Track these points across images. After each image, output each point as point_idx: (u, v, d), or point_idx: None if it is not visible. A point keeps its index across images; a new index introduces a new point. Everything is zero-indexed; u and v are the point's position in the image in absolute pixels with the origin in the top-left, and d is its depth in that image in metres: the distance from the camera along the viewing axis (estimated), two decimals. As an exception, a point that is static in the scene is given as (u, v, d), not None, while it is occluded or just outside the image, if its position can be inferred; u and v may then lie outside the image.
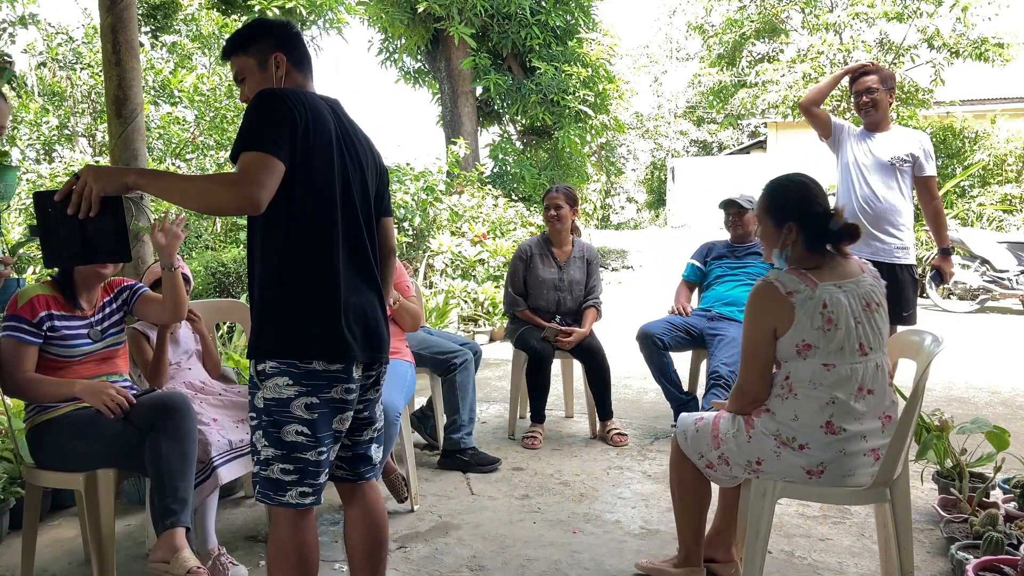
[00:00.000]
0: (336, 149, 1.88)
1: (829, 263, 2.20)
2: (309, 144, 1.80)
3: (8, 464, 3.02)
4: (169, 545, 2.23)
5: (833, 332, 2.11)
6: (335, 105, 1.99)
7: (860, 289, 2.17)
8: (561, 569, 2.66)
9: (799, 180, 2.30)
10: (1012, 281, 8.86)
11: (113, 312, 2.63)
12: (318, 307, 1.82)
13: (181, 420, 2.38)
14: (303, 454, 1.83)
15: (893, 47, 13.09)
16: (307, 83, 2.00)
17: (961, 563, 2.39)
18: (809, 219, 2.19)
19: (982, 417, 3.04)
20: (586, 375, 4.22)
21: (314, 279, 1.82)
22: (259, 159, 1.72)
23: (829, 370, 2.12)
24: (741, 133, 27.29)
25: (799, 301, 2.11)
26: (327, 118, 1.87)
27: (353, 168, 1.93)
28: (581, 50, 12.78)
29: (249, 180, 1.70)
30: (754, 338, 2.20)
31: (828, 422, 2.14)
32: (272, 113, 1.78)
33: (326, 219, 1.84)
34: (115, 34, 3.58)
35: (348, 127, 1.97)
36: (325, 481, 1.90)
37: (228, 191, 1.72)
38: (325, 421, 1.84)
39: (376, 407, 2.06)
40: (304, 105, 1.81)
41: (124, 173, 1.84)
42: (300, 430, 1.82)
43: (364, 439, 2.05)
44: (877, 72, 3.86)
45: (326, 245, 1.84)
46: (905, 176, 3.76)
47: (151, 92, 8.71)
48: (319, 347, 1.81)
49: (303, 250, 1.83)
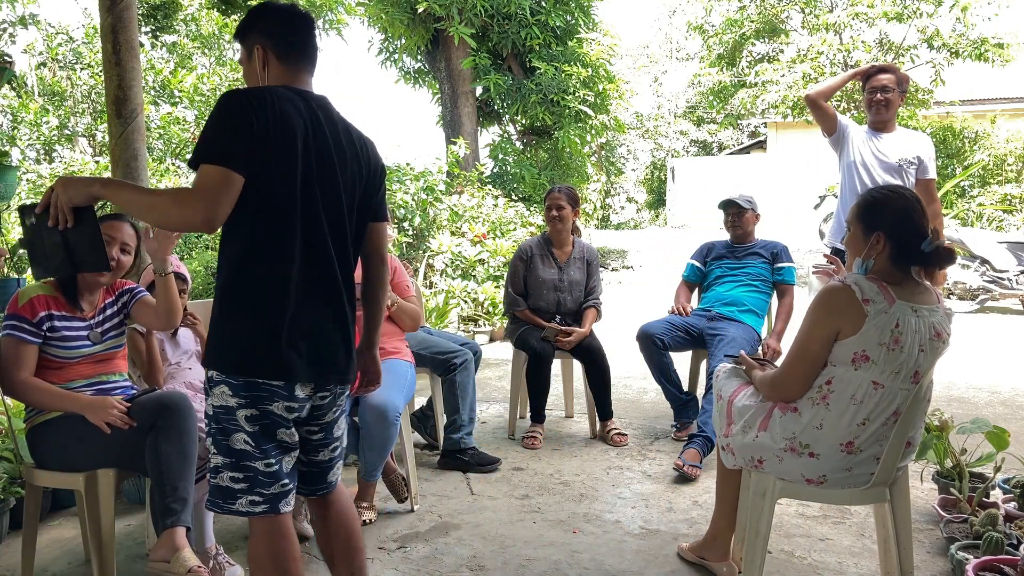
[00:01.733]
0: (302, 154, 1.77)
1: (910, 284, 2.13)
2: (267, 151, 1.72)
3: (8, 464, 3.02)
4: (169, 544, 2.23)
5: (897, 353, 2.04)
6: (319, 104, 1.87)
7: (933, 318, 2.10)
8: (561, 569, 2.66)
9: (901, 193, 2.22)
10: (1012, 281, 8.86)
11: (114, 314, 2.63)
12: (257, 322, 1.76)
13: (181, 420, 2.38)
14: (251, 463, 1.78)
15: (893, 47, 13.09)
16: (295, 77, 1.88)
17: (961, 563, 2.39)
18: (902, 234, 2.11)
19: (982, 417, 3.04)
20: (586, 375, 4.22)
21: (259, 293, 1.76)
22: (215, 174, 1.67)
23: (876, 389, 2.07)
24: (741, 133, 27.28)
25: (873, 311, 2.04)
26: (294, 121, 1.76)
27: (325, 174, 1.82)
28: (581, 50, 12.77)
29: (202, 198, 1.67)
30: (812, 337, 2.14)
31: (850, 442, 2.11)
32: (230, 119, 1.71)
33: (279, 230, 1.76)
34: (115, 34, 3.58)
35: (328, 128, 1.85)
36: (282, 492, 1.82)
37: (181, 209, 1.69)
38: (268, 433, 1.79)
39: (335, 429, 1.97)
40: (265, 108, 1.72)
41: (90, 183, 1.84)
42: (244, 440, 1.78)
43: (319, 459, 1.96)
44: (894, 72, 3.85)
45: (277, 257, 1.76)
46: (909, 178, 3.77)
47: (151, 92, 8.72)
48: (256, 363, 1.76)
49: (253, 262, 1.77)
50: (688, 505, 3.21)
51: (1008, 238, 9.41)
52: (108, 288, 2.65)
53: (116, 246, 2.56)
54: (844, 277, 2.14)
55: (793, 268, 4.16)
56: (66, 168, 6.94)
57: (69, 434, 2.41)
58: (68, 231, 1.86)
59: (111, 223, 2.57)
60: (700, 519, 3.02)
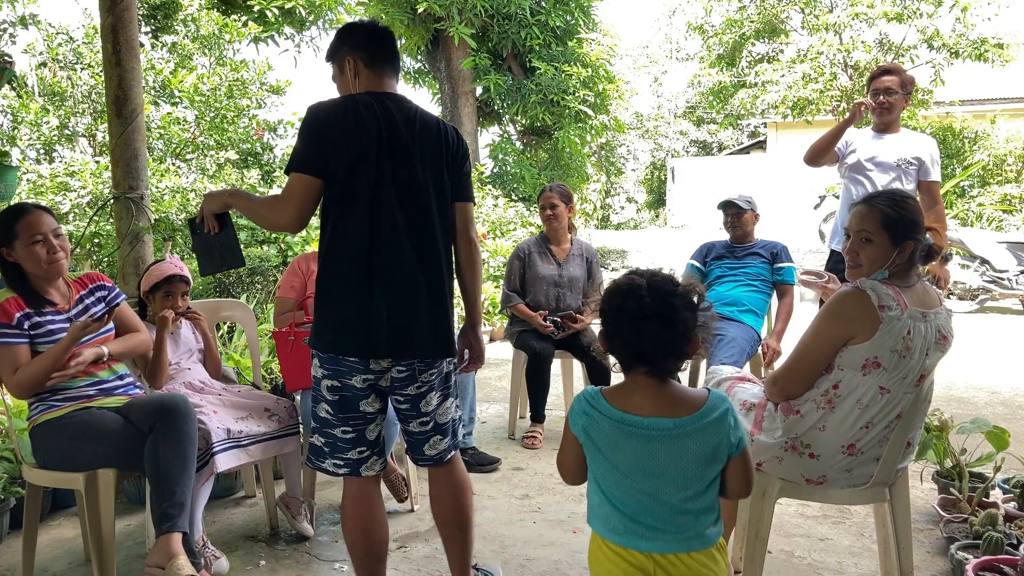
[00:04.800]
0: (376, 154, 2.01)
1: (918, 288, 2.12)
2: (341, 155, 1.98)
3: (8, 464, 3.02)
4: (165, 551, 2.23)
5: (907, 360, 2.03)
6: (398, 104, 2.09)
7: (938, 320, 2.09)
8: (561, 569, 2.66)
9: (912, 198, 2.21)
10: (1012, 281, 8.85)
11: (92, 304, 2.62)
12: (338, 305, 2.01)
13: (180, 423, 2.37)
14: (331, 430, 2.07)
15: (893, 47, 13.09)
16: (381, 82, 2.12)
17: (961, 563, 2.39)
18: (921, 240, 2.11)
19: (982, 417, 3.04)
20: (587, 373, 4.23)
21: (339, 279, 2.02)
22: (295, 181, 1.98)
23: (882, 394, 2.06)
24: (741, 133, 27.28)
25: (887, 318, 2.01)
26: (370, 124, 2.01)
27: (400, 168, 2.04)
28: (581, 50, 12.76)
29: (286, 203, 1.99)
30: (818, 340, 2.11)
31: (852, 444, 2.11)
32: (307, 131, 2.02)
33: (354, 223, 2.01)
34: (115, 34, 3.59)
35: (404, 126, 2.06)
36: (361, 458, 2.08)
37: (272, 213, 2.05)
38: (346, 404, 2.04)
39: (421, 403, 2.13)
40: (340, 116, 2.00)
41: (221, 194, 2.23)
42: (327, 409, 2.06)
43: (411, 429, 2.17)
44: (899, 74, 3.80)
45: (352, 247, 2.01)
46: (909, 179, 3.75)
47: (151, 92, 8.71)
48: (335, 341, 2.01)
49: (334, 252, 2.03)
50: (688, 505, 3.21)
51: (1008, 238, 9.41)
52: (78, 282, 2.63)
53: (47, 240, 2.45)
54: (860, 281, 2.10)
55: (793, 268, 4.16)
56: (66, 168, 6.93)
57: (69, 434, 2.41)
58: (216, 235, 2.26)
59: (26, 219, 2.44)
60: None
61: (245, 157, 8.87)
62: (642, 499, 1.51)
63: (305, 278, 3.22)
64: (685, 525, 1.51)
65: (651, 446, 1.50)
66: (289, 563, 2.74)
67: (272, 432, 2.79)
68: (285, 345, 3.01)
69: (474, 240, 2.24)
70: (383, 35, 2.16)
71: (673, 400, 1.54)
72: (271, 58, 15.54)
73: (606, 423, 1.54)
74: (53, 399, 2.46)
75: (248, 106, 9.29)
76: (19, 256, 2.45)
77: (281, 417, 2.85)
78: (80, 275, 2.68)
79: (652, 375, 1.54)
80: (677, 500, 1.51)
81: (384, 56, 2.14)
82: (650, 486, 1.51)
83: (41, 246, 2.45)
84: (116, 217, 3.72)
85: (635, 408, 1.53)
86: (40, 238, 2.44)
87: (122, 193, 3.65)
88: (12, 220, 2.45)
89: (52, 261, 2.47)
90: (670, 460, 1.50)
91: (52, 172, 6.85)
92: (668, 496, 1.51)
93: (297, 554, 2.81)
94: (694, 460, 1.50)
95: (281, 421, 2.84)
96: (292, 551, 2.83)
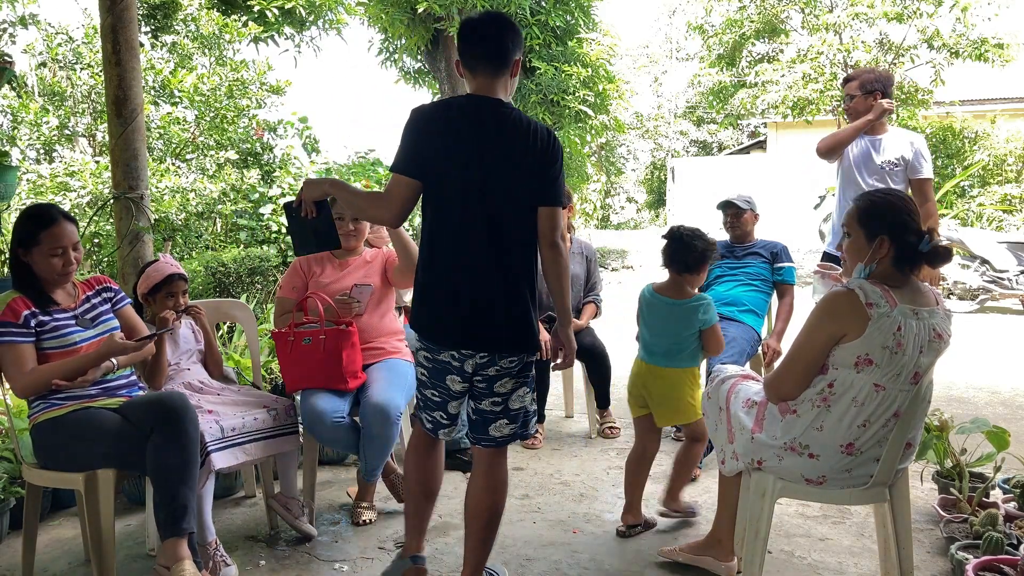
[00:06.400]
0: (464, 156, 2.13)
1: (910, 286, 2.13)
2: (433, 156, 2.14)
3: (8, 464, 3.02)
4: (171, 554, 2.25)
5: (899, 356, 2.04)
6: (492, 108, 2.18)
7: (933, 319, 2.09)
8: (561, 569, 2.66)
9: (899, 195, 2.24)
10: (1012, 281, 8.85)
11: (98, 304, 2.63)
12: (424, 296, 2.24)
13: (181, 423, 2.37)
14: (423, 390, 2.36)
15: (893, 47, 13.08)
16: (480, 84, 2.21)
17: (961, 563, 2.39)
18: (903, 235, 2.11)
19: (982, 417, 3.05)
20: (587, 373, 4.22)
21: (424, 273, 2.24)
22: (394, 181, 2.18)
23: (877, 391, 2.07)
24: (741, 133, 27.27)
25: (876, 316, 2.03)
26: (458, 124, 2.15)
27: (486, 170, 2.14)
28: (581, 50, 12.76)
29: (385, 200, 2.20)
30: (811, 340, 2.13)
31: (850, 443, 2.11)
32: (406, 133, 2.19)
33: (440, 221, 2.19)
34: (115, 34, 3.59)
35: (495, 129, 2.15)
36: (441, 422, 2.35)
37: (373, 209, 2.30)
38: (436, 373, 2.29)
39: (497, 385, 2.27)
40: (432, 120, 2.17)
41: (322, 183, 2.36)
42: (422, 372, 2.35)
43: (482, 407, 2.30)
44: (855, 78, 3.84)
45: (436, 243, 2.20)
46: (896, 179, 3.74)
47: (151, 92, 8.71)
48: (420, 327, 2.27)
49: (423, 248, 2.24)
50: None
51: (1008, 238, 9.42)
52: (85, 284, 2.65)
53: (66, 252, 2.47)
54: (847, 282, 2.13)
55: (793, 268, 4.16)
56: (66, 168, 6.93)
57: (69, 434, 2.41)
58: (314, 219, 2.38)
59: (53, 230, 2.44)
60: (700, 519, 3.02)
61: (245, 157, 8.86)
62: (654, 339, 2.95)
63: (306, 278, 3.22)
64: (670, 354, 2.91)
65: (663, 311, 2.93)
66: (289, 563, 2.74)
67: (270, 430, 2.78)
68: (285, 345, 3.00)
69: (558, 244, 2.26)
70: (466, 34, 2.21)
71: (680, 291, 2.92)
72: (271, 58, 15.50)
73: (649, 299, 2.99)
74: (55, 398, 2.45)
75: (248, 106, 9.28)
76: (34, 260, 2.46)
77: (280, 416, 2.85)
78: (88, 277, 2.69)
79: (678, 272, 2.91)
80: (670, 343, 2.90)
81: (473, 55, 2.20)
82: (658, 333, 2.93)
83: (59, 258, 2.46)
84: (116, 217, 3.73)
85: (664, 291, 2.96)
86: (61, 251, 2.46)
87: (122, 193, 3.65)
88: (39, 227, 2.45)
89: (65, 273, 2.50)
90: (669, 321, 2.91)
91: (52, 172, 6.85)
92: (666, 340, 2.92)
93: (297, 554, 2.81)
94: (680, 322, 2.89)
95: (280, 420, 2.84)
96: (292, 551, 2.83)
